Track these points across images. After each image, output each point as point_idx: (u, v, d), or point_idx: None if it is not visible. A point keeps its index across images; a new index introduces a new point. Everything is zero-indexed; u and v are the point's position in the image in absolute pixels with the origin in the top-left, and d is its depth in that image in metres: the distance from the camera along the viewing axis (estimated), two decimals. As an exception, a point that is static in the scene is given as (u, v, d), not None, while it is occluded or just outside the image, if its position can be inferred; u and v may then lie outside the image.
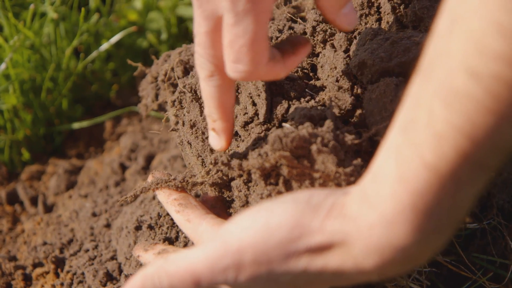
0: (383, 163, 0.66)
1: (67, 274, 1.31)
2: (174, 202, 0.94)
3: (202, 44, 0.84)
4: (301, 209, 0.71)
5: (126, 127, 1.82)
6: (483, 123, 0.56)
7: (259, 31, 0.78)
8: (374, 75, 0.95)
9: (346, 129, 0.92)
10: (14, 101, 1.71)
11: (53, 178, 1.66)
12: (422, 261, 0.70)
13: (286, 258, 0.71)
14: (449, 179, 0.60)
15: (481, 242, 1.12)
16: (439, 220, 0.63)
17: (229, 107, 0.92)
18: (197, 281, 0.73)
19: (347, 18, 0.87)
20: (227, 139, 0.94)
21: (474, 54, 0.55)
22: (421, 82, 0.62)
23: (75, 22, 1.85)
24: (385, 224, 0.64)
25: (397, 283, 0.98)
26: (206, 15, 0.81)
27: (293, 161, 0.83)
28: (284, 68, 0.86)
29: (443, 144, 0.58)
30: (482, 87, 0.55)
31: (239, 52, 0.79)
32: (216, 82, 0.87)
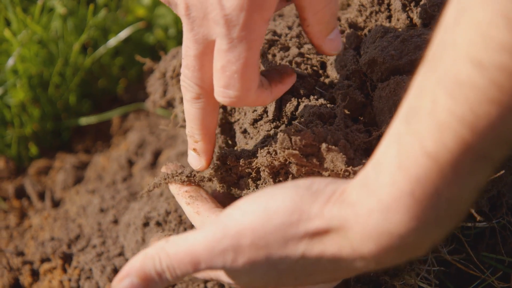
0: (385, 151, 0.66)
1: (74, 269, 1.31)
2: (185, 194, 0.95)
3: (190, 67, 0.85)
4: (301, 195, 0.71)
5: (133, 122, 1.81)
6: (486, 113, 0.55)
7: (251, 58, 0.79)
8: (384, 73, 0.94)
9: (356, 128, 0.91)
10: (21, 96, 1.71)
11: (61, 173, 1.66)
12: (421, 252, 0.70)
13: (285, 243, 0.71)
14: (449, 169, 0.59)
15: (490, 241, 1.11)
16: (438, 210, 0.63)
17: (212, 129, 0.93)
18: (196, 263, 0.73)
19: (332, 44, 0.89)
20: (207, 159, 0.95)
21: (479, 44, 0.55)
22: (426, 72, 0.62)
23: (83, 17, 1.85)
24: (382, 210, 0.64)
25: (406, 281, 0.98)
26: (197, 39, 0.82)
27: (302, 159, 0.83)
28: (270, 96, 0.88)
29: (444, 134, 0.58)
30: (486, 78, 0.54)
31: (230, 78, 0.80)
32: (201, 104, 0.88)
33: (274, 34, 1.11)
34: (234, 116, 1.07)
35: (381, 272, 0.96)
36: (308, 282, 0.77)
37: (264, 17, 0.78)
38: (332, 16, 0.87)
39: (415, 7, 1.01)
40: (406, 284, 0.98)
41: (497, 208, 1.05)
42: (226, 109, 1.08)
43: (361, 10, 1.08)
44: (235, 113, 1.06)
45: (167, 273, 0.74)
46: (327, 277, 0.75)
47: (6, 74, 1.68)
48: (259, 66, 0.82)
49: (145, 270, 0.74)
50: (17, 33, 1.69)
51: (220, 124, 1.07)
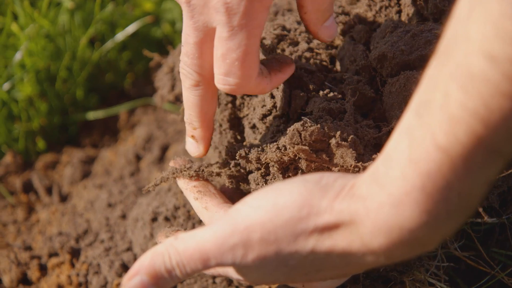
0: (396, 144, 0.65)
1: (82, 264, 1.31)
2: (193, 189, 0.95)
3: (190, 54, 0.86)
4: (310, 189, 0.71)
5: (141, 117, 1.81)
6: (499, 107, 0.55)
7: (252, 45, 0.81)
8: (394, 68, 0.94)
9: (366, 123, 0.91)
10: (29, 91, 1.71)
11: (68, 168, 1.66)
12: (431, 247, 0.69)
13: (294, 238, 0.71)
14: (460, 163, 0.59)
15: (500, 237, 1.11)
16: (449, 204, 0.62)
17: (211, 116, 0.93)
18: (205, 260, 0.73)
19: (328, 31, 0.92)
20: (205, 146, 0.96)
21: (492, 37, 0.54)
22: (438, 65, 0.62)
23: (90, 11, 1.85)
24: (393, 204, 0.64)
25: (415, 277, 0.98)
26: (197, 26, 0.83)
27: (312, 155, 0.83)
28: (269, 84, 0.89)
29: (456, 127, 0.58)
30: (499, 71, 0.54)
31: (231, 66, 0.81)
32: (200, 92, 0.89)
33: (283, 29, 1.10)
34: (243, 111, 1.06)
35: (391, 268, 0.96)
36: (318, 278, 0.77)
37: (264, 4, 0.79)
38: (330, 4, 0.89)
39: (425, 2, 1.01)
40: (416, 280, 0.98)
41: (507, 204, 1.05)
42: (235, 104, 1.08)
43: (370, 4, 1.08)
44: (244, 108, 1.06)
45: (177, 270, 0.74)
46: (337, 272, 0.75)
47: (13, 68, 1.68)
48: (259, 54, 0.83)
49: (155, 268, 0.74)
50: (24, 27, 1.69)
51: (229, 119, 1.07)
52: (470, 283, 1.09)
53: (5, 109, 1.73)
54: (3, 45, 1.70)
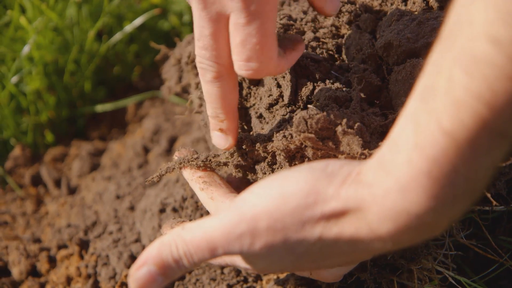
0: (401, 130, 0.66)
1: (91, 256, 1.32)
2: (198, 180, 0.94)
3: (207, 47, 0.85)
4: (317, 177, 0.71)
5: (148, 109, 1.82)
6: (503, 90, 0.55)
7: (270, 28, 0.80)
8: (401, 56, 0.94)
9: (372, 111, 0.91)
10: (37, 84, 1.72)
11: (76, 161, 1.67)
12: (438, 231, 0.70)
13: (301, 226, 0.71)
14: (466, 147, 0.59)
15: (508, 225, 1.11)
16: (455, 188, 0.62)
17: (235, 106, 0.93)
18: (213, 249, 0.73)
19: (332, 4, 0.92)
20: (234, 137, 0.95)
21: (496, 20, 0.54)
22: (442, 50, 0.62)
23: (97, 4, 1.85)
24: (400, 190, 0.64)
25: (423, 265, 0.98)
26: (211, 17, 0.82)
27: (318, 143, 0.83)
28: (287, 63, 0.89)
29: (461, 111, 0.58)
30: (504, 54, 0.54)
31: (252, 51, 0.81)
32: (222, 83, 0.89)
33: (290, 19, 1.10)
34: (249, 101, 1.07)
35: (398, 256, 0.96)
36: (325, 265, 0.77)
37: None
38: None
39: (431, -10, 1.01)
40: (423, 268, 0.98)
41: (515, 192, 1.05)
42: (242, 94, 1.07)
43: (376, -7, 1.08)
44: (251, 98, 1.06)
45: (184, 259, 0.74)
46: (344, 259, 0.75)
47: (21, 61, 1.69)
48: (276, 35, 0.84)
49: (162, 258, 0.74)
50: (32, 21, 1.70)
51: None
52: (478, 271, 1.09)
53: (13, 102, 1.74)
54: (11, 38, 1.71)
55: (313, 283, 1.08)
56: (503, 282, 1.13)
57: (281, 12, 1.12)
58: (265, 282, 1.16)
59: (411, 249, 0.96)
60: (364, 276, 0.98)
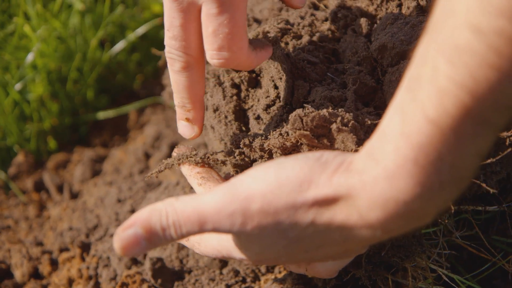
0: (389, 120, 0.68)
1: (92, 258, 1.33)
2: (196, 175, 0.96)
3: (177, 37, 0.88)
4: (311, 165, 0.73)
5: (150, 116, 1.84)
6: (485, 78, 0.57)
7: (241, 18, 0.84)
8: (395, 58, 0.96)
9: (366, 110, 0.93)
10: (40, 91, 1.74)
11: (79, 167, 1.68)
12: (427, 220, 0.71)
13: (294, 210, 0.72)
14: (451, 134, 0.61)
15: (501, 225, 1.12)
16: (441, 175, 0.64)
17: (201, 97, 0.96)
18: (202, 222, 0.74)
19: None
20: (200, 127, 0.98)
21: (477, 10, 0.56)
22: (427, 41, 0.64)
23: (100, 13, 1.88)
24: (388, 177, 0.66)
25: (417, 264, 0.99)
26: (182, 7, 0.85)
27: (313, 140, 0.85)
28: (256, 58, 0.92)
29: (445, 100, 0.60)
30: (485, 43, 0.56)
31: (224, 40, 0.84)
32: (190, 73, 0.92)
33: (287, 23, 1.12)
34: (247, 103, 1.08)
35: (393, 254, 0.97)
36: (318, 256, 0.78)
37: None
38: None
39: (425, -5, 1.03)
40: (418, 266, 0.99)
41: (507, 192, 1.06)
42: (240, 96, 1.09)
43: (372, -1, 1.10)
44: (249, 100, 1.08)
45: (172, 229, 0.74)
46: (336, 249, 0.76)
47: (25, 69, 1.71)
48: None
49: (151, 223, 0.74)
50: (36, 29, 1.72)
51: (234, 111, 1.08)
52: (472, 270, 1.10)
53: (17, 110, 1.76)
54: (15, 46, 1.73)
55: (310, 283, 1.10)
56: (496, 281, 1.14)
57: (279, 17, 1.14)
58: (263, 282, 1.17)
59: (406, 248, 0.98)
60: (359, 273, 0.99)
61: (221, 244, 0.84)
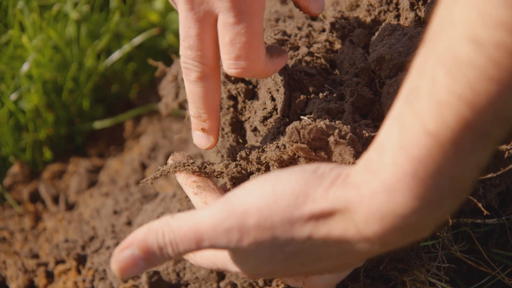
0: (387, 132, 0.67)
1: (88, 270, 1.32)
2: (192, 184, 0.95)
3: (193, 47, 0.87)
4: (307, 178, 0.72)
5: (146, 126, 1.83)
6: (485, 91, 0.56)
7: (258, 27, 0.83)
8: (392, 69, 0.95)
9: (364, 122, 0.92)
10: (36, 101, 1.73)
11: (75, 177, 1.67)
12: (425, 233, 0.70)
13: (291, 224, 0.71)
14: (450, 147, 0.60)
15: (501, 239, 1.11)
16: (441, 189, 0.63)
17: (217, 107, 0.95)
18: (199, 240, 0.73)
19: (317, 3, 0.96)
20: (215, 137, 0.97)
21: (476, 22, 0.56)
22: (426, 52, 0.63)
23: (96, 22, 1.87)
24: (386, 191, 0.65)
25: (416, 277, 0.98)
26: (198, 17, 0.84)
27: (311, 153, 0.84)
28: (273, 66, 0.91)
29: (444, 112, 0.59)
30: (484, 55, 0.55)
31: (241, 49, 0.83)
32: (206, 83, 0.91)
33: (284, 34, 1.12)
34: (244, 115, 1.08)
35: (391, 268, 0.97)
36: (315, 269, 0.77)
37: None
38: None
39: (423, 6, 1.02)
40: (416, 280, 0.99)
41: (507, 205, 1.05)
42: (237, 108, 1.09)
43: (369, 10, 1.09)
44: (246, 111, 1.08)
45: (169, 247, 0.74)
46: (333, 263, 0.75)
47: (21, 79, 1.71)
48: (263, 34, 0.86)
49: (147, 243, 0.74)
50: (32, 39, 1.71)
51: (231, 123, 1.08)
52: (471, 284, 1.09)
53: (12, 120, 1.75)
54: (10, 56, 1.73)
55: (308, 296, 1.09)
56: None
57: (276, 28, 1.14)
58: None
59: (404, 261, 0.97)
60: (357, 287, 0.98)
61: (217, 257, 0.83)
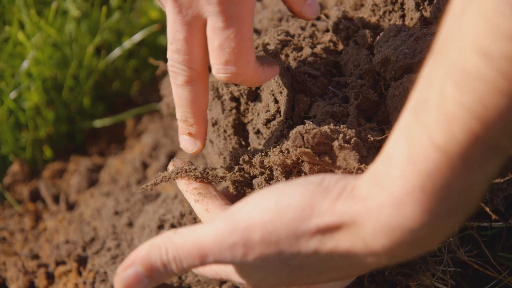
0: (394, 144, 0.65)
1: (89, 272, 1.31)
2: (193, 191, 0.94)
3: (181, 50, 0.87)
4: (312, 191, 0.71)
5: (147, 125, 1.81)
6: (495, 104, 0.55)
7: (248, 32, 0.83)
8: (398, 71, 0.93)
9: (369, 126, 0.91)
10: (36, 99, 1.72)
11: (75, 176, 1.66)
12: (433, 246, 0.69)
13: (296, 239, 0.70)
14: (459, 161, 0.59)
15: (507, 242, 1.10)
16: (449, 203, 0.62)
17: (204, 111, 0.94)
18: (203, 256, 0.72)
19: (311, 8, 0.95)
20: (202, 141, 0.97)
21: (486, 34, 0.54)
22: (434, 63, 0.62)
23: (96, 19, 1.85)
24: (394, 205, 0.64)
25: (421, 282, 0.97)
26: (186, 21, 0.84)
27: (315, 158, 0.83)
28: (263, 74, 0.90)
29: (453, 125, 0.58)
30: (494, 68, 0.54)
31: (230, 54, 0.83)
32: (194, 87, 0.90)
33: (287, 35, 1.10)
34: (247, 117, 1.06)
35: (396, 272, 0.96)
36: (321, 280, 0.76)
37: None
38: None
39: (428, 6, 1.01)
40: (422, 285, 0.98)
41: (513, 208, 1.04)
42: (239, 110, 1.08)
43: (374, 9, 1.08)
44: (249, 113, 1.06)
45: (173, 264, 0.73)
46: (339, 274, 0.74)
47: (20, 77, 1.69)
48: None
49: (151, 260, 0.74)
50: (31, 36, 1.70)
51: (234, 125, 1.06)
52: (477, 288, 1.09)
53: (12, 118, 1.74)
54: (10, 54, 1.71)
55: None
56: (502, 298, 1.12)
57: (279, 28, 1.12)
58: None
59: (409, 265, 0.96)
60: (362, 293, 0.97)
61: (221, 267, 0.82)
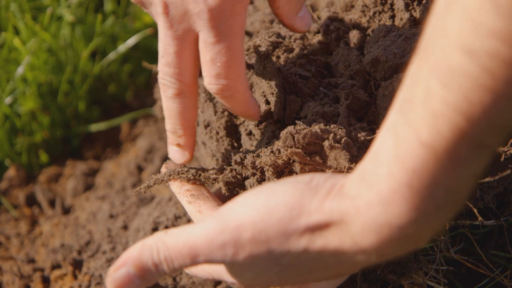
0: (382, 143, 0.66)
1: (85, 276, 1.31)
2: (186, 193, 0.94)
3: (171, 64, 0.88)
4: (301, 190, 0.72)
5: (142, 128, 1.82)
6: (479, 101, 0.56)
7: (238, 47, 0.85)
8: (388, 71, 0.94)
9: (359, 126, 0.91)
10: (31, 104, 1.72)
11: (71, 180, 1.66)
12: (422, 243, 0.70)
13: (286, 238, 0.71)
14: (445, 158, 0.60)
15: (499, 240, 1.11)
16: (437, 199, 0.63)
17: (194, 123, 0.96)
18: (194, 256, 0.73)
19: (303, 21, 0.97)
20: (190, 152, 0.99)
21: (469, 31, 0.55)
22: (419, 61, 0.62)
23: (91, 24, 1.86)
24: (381, 202, 0.64)
25: (414, 281, 0.98)
26: (177, 35, 0.85)
27: (305, 158, 0.83)
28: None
29: (439, 122, 0.58)
30: (478, 65, 0.55)
31: (222, 68, 0.84)
32: (183, 100, 0.92)
33: (278, 36, 1.11)
34: (239, 119, 1.07)
35: (389, 271, 0.96)
36: (312, 279, 0.77)
37: (244, 5, 0.83)
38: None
39: (418, 6, 1.01)
40: (414, 283, 0.98)
41: (505, 206, 1.05)
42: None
43: (364, 10, 1.08)
44: (241, 115, 1.07)
45: (164, 264, 0.74)
46: (330, 273, 0.75)
47: (15, 82, 1.70)
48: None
49: (142, 260, 0.74)
50: (26, 42, 1.70)
51: (226, 126, 1.07)
52: (470, 286, 1.09)
53: (7, 123, 1.74)
54: (5, 60, 1.71)
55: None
56: (495, 297, 1.13)
57: (270, 30, 1.13)
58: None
59: (402, 264, 0.96)
60: (355, 292, 0.98)
61: (212, 268, 0.82)
